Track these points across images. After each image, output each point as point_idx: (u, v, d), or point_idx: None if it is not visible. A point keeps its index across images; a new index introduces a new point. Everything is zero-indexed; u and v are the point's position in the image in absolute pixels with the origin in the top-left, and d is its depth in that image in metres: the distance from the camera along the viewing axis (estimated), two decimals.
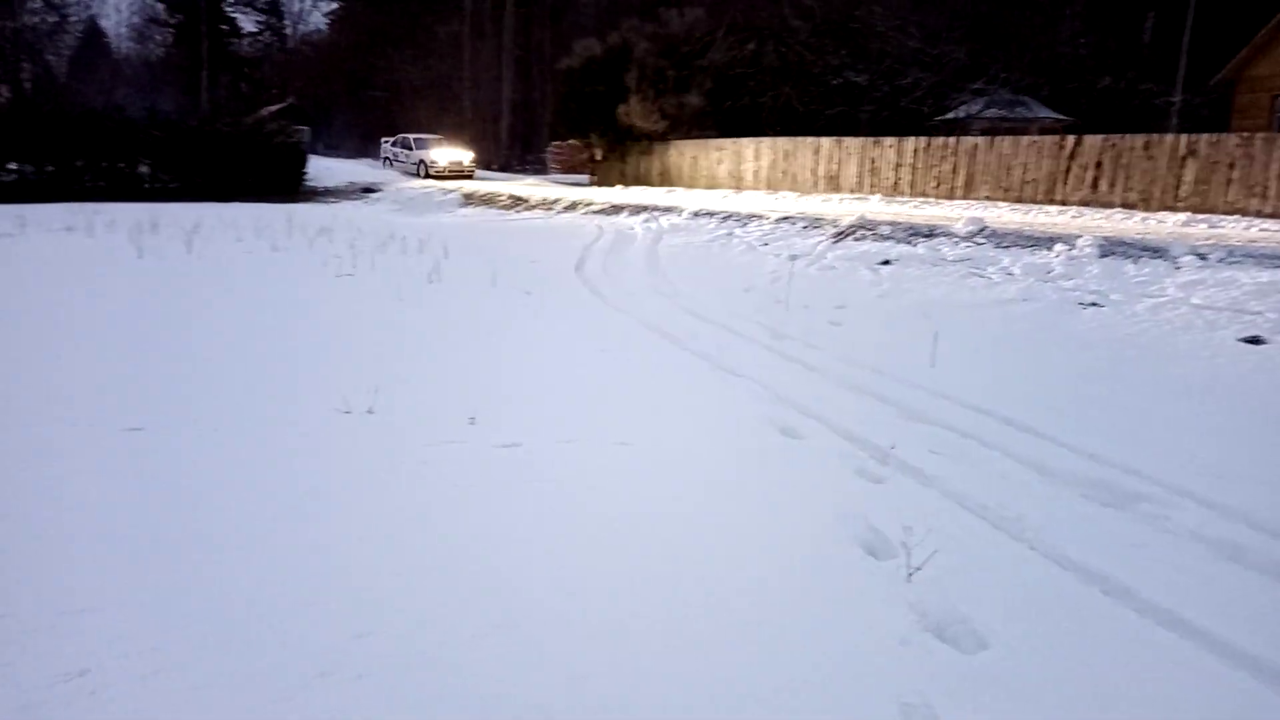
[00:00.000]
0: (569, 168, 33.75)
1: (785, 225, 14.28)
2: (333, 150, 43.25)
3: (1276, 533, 3.41)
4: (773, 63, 26.57)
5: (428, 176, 28.83)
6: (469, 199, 22.54)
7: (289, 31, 59.76)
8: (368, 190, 26.19)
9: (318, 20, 60.53)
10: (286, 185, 24.74)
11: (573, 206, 19.74)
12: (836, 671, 2.43)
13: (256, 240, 12.66)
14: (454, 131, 34.84)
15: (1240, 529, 3.45)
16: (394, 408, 4.69)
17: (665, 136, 26.42)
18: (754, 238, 13.82)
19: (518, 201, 21.41)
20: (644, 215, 17.20)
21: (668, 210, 17.35)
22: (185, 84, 45.90)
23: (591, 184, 29.32)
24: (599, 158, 29.44)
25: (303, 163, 26.38)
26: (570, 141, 32.21)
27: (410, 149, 30.87)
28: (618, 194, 22.53)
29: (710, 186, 24.69)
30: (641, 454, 4.20)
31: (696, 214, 16.50)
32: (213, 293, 8.39)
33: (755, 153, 24.12)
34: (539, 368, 5.92)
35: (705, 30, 26.55)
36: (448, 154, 30.07)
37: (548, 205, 20.33)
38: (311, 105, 49.08)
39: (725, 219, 15.61)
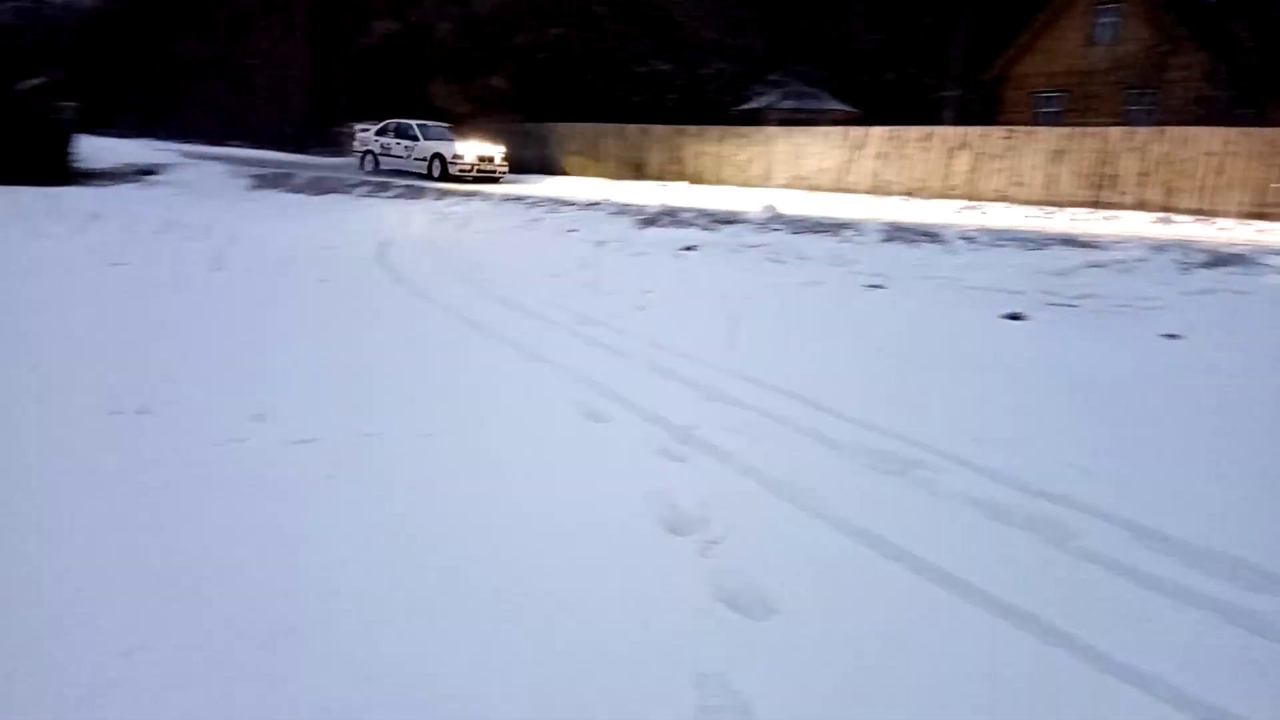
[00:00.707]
0: None
1: (593, 211, 14.39)
2: (107, 130, 39.73)
3: (1033, 491, 3.77)
4: (578, 48, 26.66)
5: (444, 177, 21.81)
6: (260, 182, 21.33)
7: None
8: (145, 173, 24.26)
9: None
10: (51, 167, 22.46)
11: (376, 190, 19.07)
12: (633, 648, 2.48)
13: (15, 227, 11.45)
14: (244, 112, 32.67)
15: (1002, 489, 3.78)
16: (171, 406, 4.37)
17: (471, 120, 26.00)
18: (562, 223, 13.85)
19: (315, 184, 20.47)
20: (451, 199, 16.87)
21: (474, 194, 17.09)
22: None
23: None
24: None
25: (69, 142, 24.07)
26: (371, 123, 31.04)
27: (415, 139, 23.26)
28: (423, 177, 21.97)
29: (519, 171, 24.52)
30: (445, 444, 4.12)
31: (505, 198, 16.35)
32: None
33: (561, 138, 24.15)
34: (336, 358, 5.67)
35: (509, 13, 26.30)
36: (474, 148, 22.46)
37: (348, 188, 19.55)
38: (81, 80, 44.83)
39: (534, 204, 15.55)
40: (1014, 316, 7.64)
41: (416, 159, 23.08)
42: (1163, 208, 15.13)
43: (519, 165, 24.65)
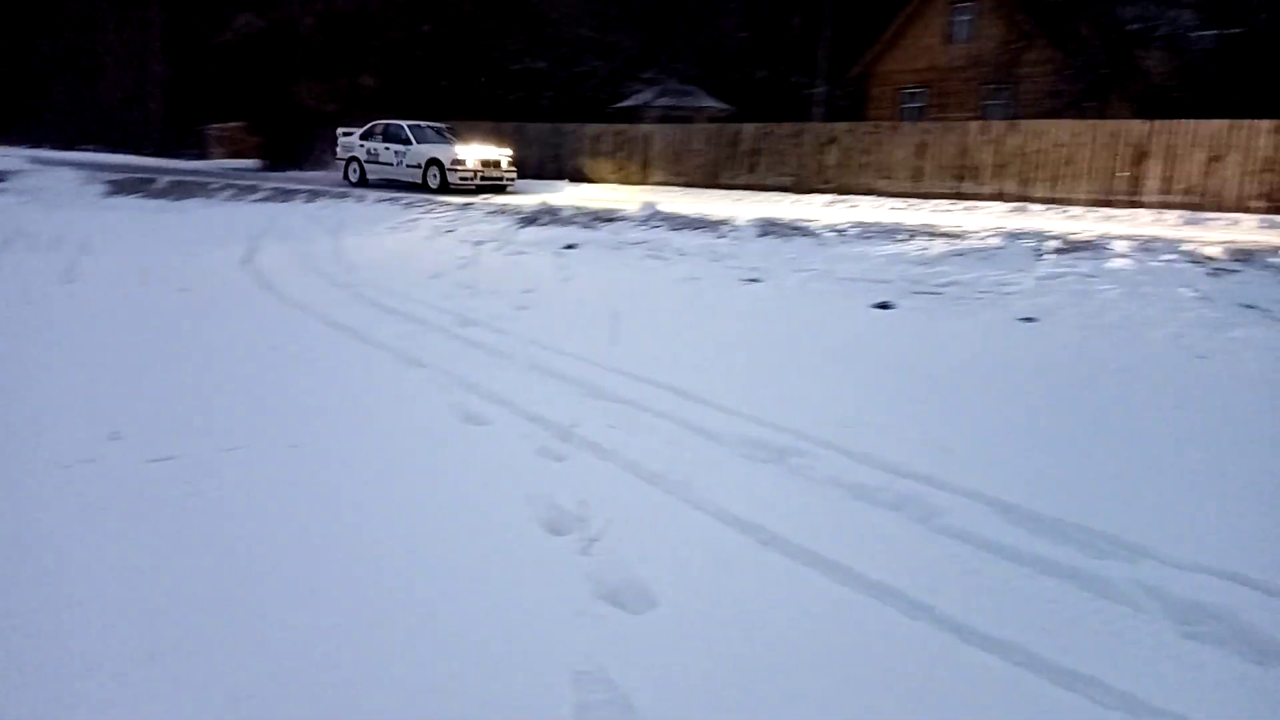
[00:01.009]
0: (235, 151, 31.24)
1: (471, 211, 14.20)
2: None
3: (899, 472, 3.91)
4: (450, 46, 26.23)
5: (444, 187, 18.48)
6: (116, 188, 20.23)
7: None
8: None
9: None
10: None
11: (241, 193, 18.34)
12: (511, 648, 2.46)
13: None
14: (97, 114, 30.85)
15: (869, 471, 3.91)
16: (16, 427, 4.10)
17: (341, 119, 25.28)
18: (440, 223, 13.61)
19: (177, 189, 19.54)
20: (321, 201, 16.37)
21: (347, 195, 16.64)
22: None
23: (263, 169, 27.42)
24: (270, 140, 27.53)
25: None
26: (235, 123, 29.83)
27: (407, 143, 19.60)
28: (292, 178, 21.25)
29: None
30: (316, 455, 4.00)
31: (380, 199, 15.98)
32: None
33: None
34: (197, 371, 5.43)
35: (377, 9, 25.64)
36: (477, 151, 18.97)
37: (211, 192, 18.74)
38: None
39: (409, 204, 15.24)
40: (883, 305, 7.91)
41: (409, 166, 19.65)
42: (1019, 198, 15.91)
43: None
